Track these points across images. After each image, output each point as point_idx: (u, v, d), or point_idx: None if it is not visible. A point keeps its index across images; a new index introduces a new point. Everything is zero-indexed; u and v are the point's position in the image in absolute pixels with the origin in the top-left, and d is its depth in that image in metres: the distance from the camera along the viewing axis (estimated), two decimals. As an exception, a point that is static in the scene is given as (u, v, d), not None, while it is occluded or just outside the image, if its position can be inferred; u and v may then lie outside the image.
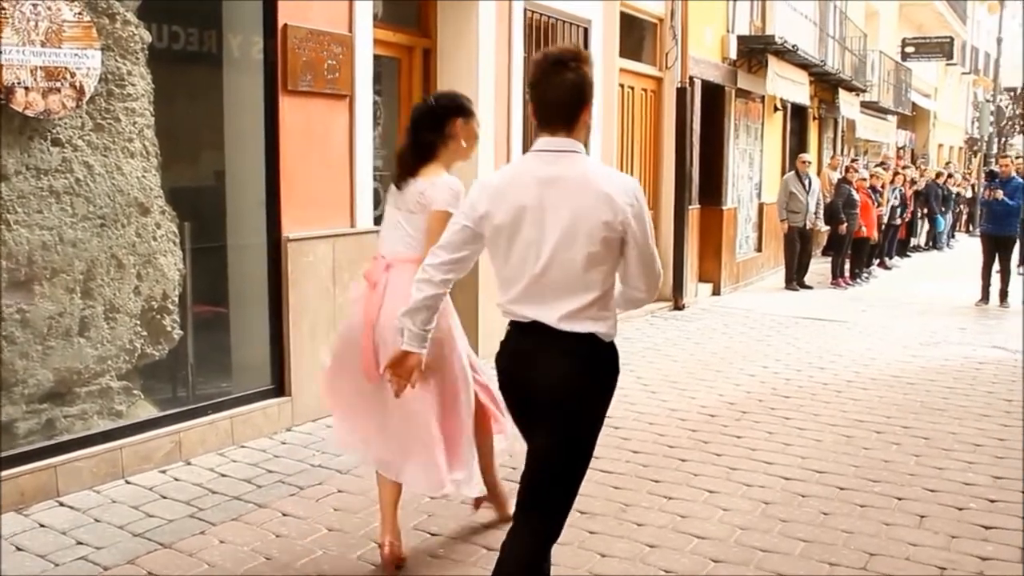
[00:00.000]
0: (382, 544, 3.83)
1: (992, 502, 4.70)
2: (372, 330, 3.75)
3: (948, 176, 22.04)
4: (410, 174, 3.84)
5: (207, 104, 5.61)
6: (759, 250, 14.46)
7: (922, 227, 20.21)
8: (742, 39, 12.63)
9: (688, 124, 10.85)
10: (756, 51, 12.95)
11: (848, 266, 14.13)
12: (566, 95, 2.85)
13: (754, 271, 13.93)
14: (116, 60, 4.71)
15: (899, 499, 4.71)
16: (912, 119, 29.92)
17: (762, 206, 14.40)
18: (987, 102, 35.77)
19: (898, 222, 16.73)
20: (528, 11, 7.98)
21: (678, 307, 10.68)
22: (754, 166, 14.21)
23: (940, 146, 35.30)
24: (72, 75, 4.44)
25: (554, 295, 2.81)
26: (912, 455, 5.44)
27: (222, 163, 5.68)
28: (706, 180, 11.90)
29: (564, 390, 2.84)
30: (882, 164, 18.45)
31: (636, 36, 10.49)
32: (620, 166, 9.62)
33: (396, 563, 3.82)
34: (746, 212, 13.88)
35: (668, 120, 10.82)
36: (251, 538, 4.07)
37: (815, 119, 17.89)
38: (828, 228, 14.10)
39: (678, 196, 10.75)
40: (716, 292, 12.20)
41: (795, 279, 13.35)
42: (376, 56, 6.32)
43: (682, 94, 10.70)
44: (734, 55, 12.45)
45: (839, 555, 4.03)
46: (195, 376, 5.37)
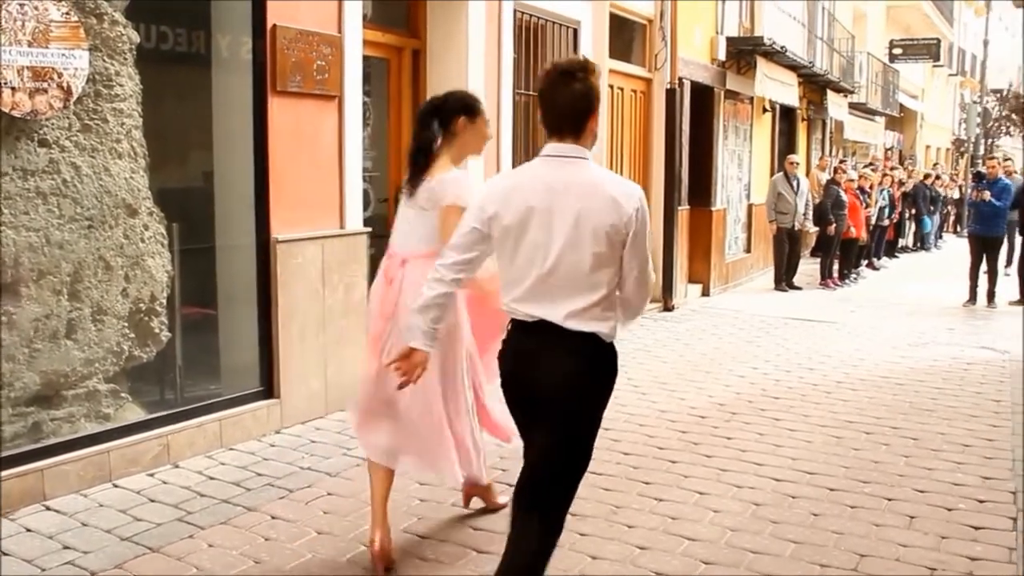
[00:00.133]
0: (371, 541, 3.82)
1: (981, 502, 4.71)
2: (386, 322, 3.86)
3: (936, 178, 22.13)
4: (420, 172, 3.89)
5: (195, 105, 5.59)
6: (748, 251, 14.49)
7: (910, 228, 20.29)
8: (731, 40, 12.65)
9: (677, 125, 10.86)
10: (745, 52, 12.98)
11: (837, 267, 14.16)
12: (574, 104, 2.96)
13: (743, 272, 13.96)
14: (104, 60, 4.68)
15: (889, 500, 4.72)
16: (900, 120, 30.04)
17: (751, 207, 14.43)
18: (974, 103, 35.93)
19: (886, 223, 16.78)
20: (518, 12, 7.97)
21: (668, 308, 10.69)
22: (743, 167, 14.24)
23: (927, 147, 35.44)
24: (59, 75, 4.41)
25: (560, 295, 2.92)
26: (902, 456, 5.45)
27: (211, 164, 5.66)
28: (695, 181, 11.91)
29: (567, 388, 2.94)
30: (870, 165, 18.51)
31: (626, 37, 10.49)
32: (610, 167, 9.62)
33: (385, 563, 3.80)
34: (735, 213, 13.91)
35: (657, 121, 10.82)
36: (240, 542, 4.04)
37: (803, 120, 17.94)
38: (817, 229, 14.13)
39: (667, 197, 10.76)
40: (705, 293, 12.21)
41: (784, 280, 13.38)
42: (365, 57, 6.30)
43: (671, 95, 10.72)
44: (723, 56, 12.47)
45: (830, 556, 4.03)
46: (183, 378, 5.34)
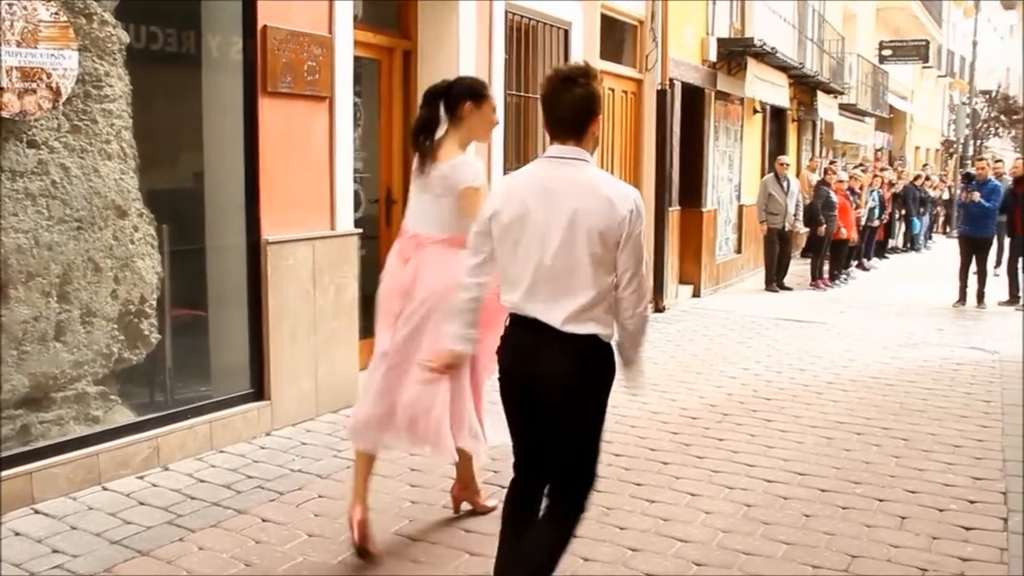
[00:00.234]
0: (351, 518, 3.86)
1: (972, 503, 4.73)
2: (399, 300, 3.93)
3: (925, 178, 22.22)
4: (428, 155, 3.97)
5: (186, 106, 5.56)
6: (739, 252, 14.51)
7: (899, 229, 20.36)
8: (722, 41, 12.67)
9: (668, 126, 10.87)
10: (735, 53, 12.99)
11: (827, 267, 14.19)
12: (576, 108, 3.07)
13: (734, 273, 13.98)
14: (93, 61, 4.66)
15: (880, 500, 4.73)
16: (889, 121, 30.15)
17: (742, 208, 14.45)
18: (963, 105, 36.11)
19: (876, 224, 16.83)
20: (509, 13, 7.96)
21: (658, 309, 10.69)
22: (734, 168, 14.26)
23: (917, 148, 35.57)
24: (48, 76, 4.38)
25: (557, 294, 3.00)
26: (892, 456, 5.46)
27: (201, 165, 5.63)
28: (686, 182, 11.92)
29: (564, 388, 3.03)
30: (860, 166, 18.56)
31: (616, 38, 10.49)
32: (600, 168, 9.58)
33: (363, 543, 3.83)
34: (726, 214, 13.93)
35: (648, 122, 10.83)
36: (230, 545, 4.02)
37: (794, 121, 17.99)
38: (807, 230, 14.17)
39: (658, 198, 10.76)
40: (696, 294, 12.22)
41: (775, 281, 13.40)
42: (356, 58, 6.29)
43: (662, 96, 10.73)
44: (714, 57, 12.48)
45: (821, 557, 4.03)
46: (173, 380, 5.31)
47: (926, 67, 33.89)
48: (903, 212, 19.81)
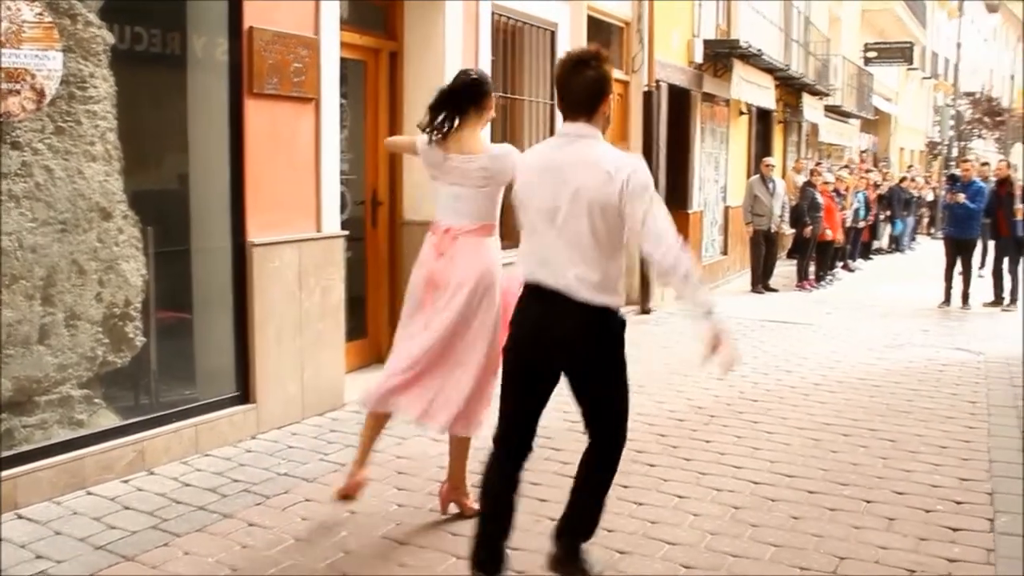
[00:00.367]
0: (352, 478, 4.26)
1: (959, 504, 4.74)
2: (433, 291, 4.10)
3: (911, 180, 22.33)
4: (452, 149, 4.09)
5: (171, 107, 5.53)
6: (725, 253, 14.55)
7: (884, 230, 20.45)
8: (708, 43, 12.70)
9: (654, 127, 10.88)
10: (722, 55, 13.03)
11: (813, 269, 14.24)
12: (587, 89, 3.26)
13: (720, 274, 14.01)
14: (78, 62, 4.62)
15: (868, 502, 4.74)
16: (874, 123, 30.31)
17: (727, 209, 14.50)
18: (947, 106, 36.32)
19: (861, 225, 16.90)
20: (495, 14, 7.95)
21: (645, 311, 10.69)
22: (720, 169, 14.30)
23: (901, 149, 35.75)
24: (32, 77, 4.35)
25: (567, 265, 3.21)
26: (879, 458, 5.47)
27: (186, 167, 5.60)
28: (672, 183, 11.94)
29: (577, 355, 3.28)
30: (846, 167, 18.64)
31: (603, 39, 10.47)
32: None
33: (348, 496, 4.25)
34: (712, 215, 13.97)
35: (635, 123, 10.84)
36: (216, 549, 3.99)
37: (780, 123, 18.06)
38: (793, 231, 14.22)
39: (645, 199, 10.74)
40: (683, 295, 12.20)
41: (760, 282, 13.44)
42: (342, 59, 6.27)
43: (648, 98, 10.74)
44: (700, 59, 12.51)
45: (809, 559, 4.03)
46: (158, 383, 5.27)
47: (911, 69, 34.08)
48: (888, 213, 19.91)
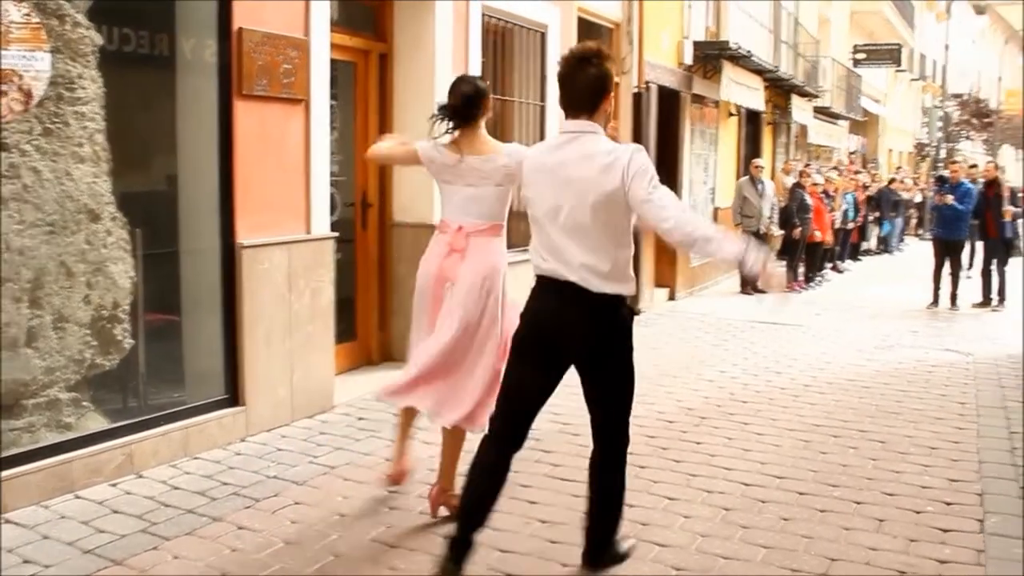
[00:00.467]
0: (394, 473, 4.55)
1: (948, 504, 4.75)
2: (443, 287, 4.20)
3: (899, 181, 22.40)
4: (465, 150, 4.19)
5: (159, 108, 5.50)
6: (714, 254, 14.52)
7: (873, 231, 20.51)
8: (697, 44, 12.71)
9: (644, 129, 10.88)
10: (711, 56, 13.05)
11: (802, 270, 14.27)
12: (589, 87, 3.34)
13: (709, 276, 14.01)
14: (66, 63, 4.59)
15: (858, 503, 4.74)
16: (863, 124, 30.41)
17: (717, 211, 14.50)
18: (935, 108, 36.47)
19: (850, 226, 16.94)
20: (485, 16, 7.95)
21: (634, 312, 10.68)
22: (709, 171, 14.31)
23: (890, 151, 35.88)
24: (20, 78, 4.32)
25: (575, 257, 3.29)
26: (869, 459, 5.48)
27: (175, 168, 5.57)
28: (662, 184, 11.92)
29: (586, 346, 3.37)
30: (835, 169, 18.69)
31: (593, 41, 10.48)
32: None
33: (396, 482, 4.54)
34: (701, 216, 13.95)
35: (624, 125, 10.83)
36: (205, 553, 3.97)
37: (769, 124, 18.08)
38: (782, 232, 14.23)
39: (635, 201, 10.75)
40: (672, 297, 12.24)
41: (750, 283, 13.44)
42: (332, 60, 6.25)
43: (638, 99, 10.74)
44: (690, 60, 12.52)
45: (800, 561, 4.04)
46: (147, 386, 5.24)
47: (899, 71, 34.21)
48: (877, 214, 19.97)
